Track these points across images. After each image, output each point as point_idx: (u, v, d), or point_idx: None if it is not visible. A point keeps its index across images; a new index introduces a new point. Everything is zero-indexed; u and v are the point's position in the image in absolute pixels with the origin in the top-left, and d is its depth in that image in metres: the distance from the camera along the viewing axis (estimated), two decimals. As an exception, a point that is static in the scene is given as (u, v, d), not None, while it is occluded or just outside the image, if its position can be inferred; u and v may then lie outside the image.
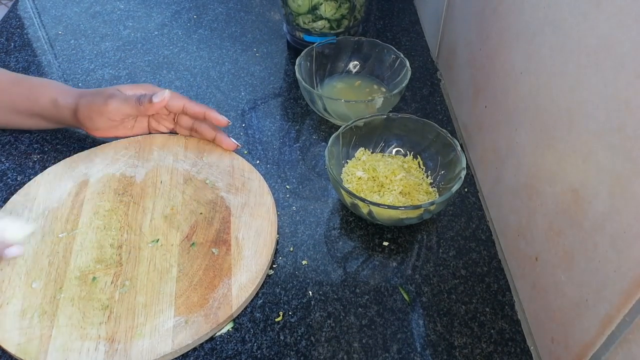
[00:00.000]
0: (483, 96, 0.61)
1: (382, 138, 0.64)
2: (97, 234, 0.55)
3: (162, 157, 0.64)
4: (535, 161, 0.48)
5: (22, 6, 0.92)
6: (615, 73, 0.35)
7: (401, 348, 0.49)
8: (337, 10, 0.76)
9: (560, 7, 0.43)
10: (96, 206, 0.58)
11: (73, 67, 0.79)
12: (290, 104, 0.74)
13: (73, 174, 0.61)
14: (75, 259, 0.53)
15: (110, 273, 0.52)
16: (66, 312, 0.49)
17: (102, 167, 0.62)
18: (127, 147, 0.65)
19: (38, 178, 0.61)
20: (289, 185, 0.63)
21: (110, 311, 0.49)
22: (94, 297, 0.50)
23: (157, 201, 0.59)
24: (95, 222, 0.56)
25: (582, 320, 0.41)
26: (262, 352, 0.48)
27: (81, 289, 0.51)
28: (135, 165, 0.63)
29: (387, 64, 0.73)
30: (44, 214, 0.57)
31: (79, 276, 0.52)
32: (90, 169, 0.62)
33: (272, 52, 0.84)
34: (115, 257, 0.53)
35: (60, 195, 0.59)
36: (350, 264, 0.55)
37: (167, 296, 0.50)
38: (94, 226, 0.56)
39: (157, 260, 0.53)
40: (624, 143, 0.35)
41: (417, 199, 0.58)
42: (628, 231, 0.35)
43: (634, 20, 0.33)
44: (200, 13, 0.92)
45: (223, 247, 0.54)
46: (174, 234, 0.56)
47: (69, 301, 0.50)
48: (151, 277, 0.52)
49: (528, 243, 0.50)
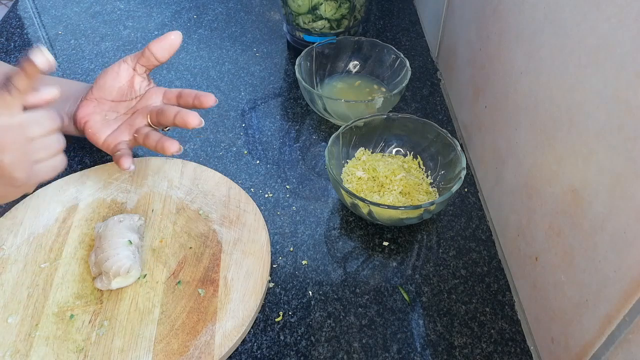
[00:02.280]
0: (483, 96, 0.61)
1: (382, 138, 0.64)
2: (80, 266, 0.53)
3: (156, 183, 0.61)
4: (535, 161, 0.48)
5: (22, 6, 0.92)
6: (615, 73, 0.35)
7: (401, 348, 0.49)
8: (337, 10, 0.76)
9: (560, 7, 0.43)
10: (82, 235, 0.56)
11: (73, 67, 0.79)
12: (290, 104, 0.74)
13: (63, 197, 0.59)
14: (54, 292, 0.51)
15: (89, 311, 0.49)
16: (40, 353, 0.46)
17: (93, 191, 0.60)
18: (120, 170, 0.61)
19: (27, 200, 0.58)
20: (289, 185, 0.63)
21: (85, 355, 0.46)
22: (70, 337, 0.48)
23: (147, 232, 0.56)
24: (80, 253, 0.54)
25: (582, 320, 0.41)
26: (262, 352, 0.48)
27: (57, 327, 0.48)
28: (128, 190, 0.60)
29: (387, 64, 0.73)
30: (29, 241, 0.55)
31: (56, 312, 0.49)
32: (81, 193, 0.60)
33: (272, 52, 0.84)
34: (96, 292, 0.51)
35: (47, 221, 0.57)
36: (350, 264, 0.55)
37: (147, 341, 0.47)
38: (77, 257, 0.54)
39: (139, 299, 0.51)
40: (624, 143, 0.35)
41: (417, 199, 0.58)
42: (628, 231, 0.35)
43: (634, 20, 0.33)
44: (200, 13, 0.92)
45: (210, 287, 0.51)
46: (160, 269, 0.53)
47: (43, 340, 0.47)
48: (131, 317, 0.49)
49: (528, 243, 0.50)
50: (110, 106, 0.60)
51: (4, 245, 0.55)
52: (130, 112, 0.60)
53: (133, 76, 0.59)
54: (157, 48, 0.57)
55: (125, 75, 0.59)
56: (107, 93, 0.59)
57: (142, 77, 0.60)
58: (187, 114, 0.54)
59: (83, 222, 0.57)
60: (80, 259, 0.54)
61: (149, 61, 0.58)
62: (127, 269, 0.50)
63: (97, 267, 0.51)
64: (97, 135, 0.58)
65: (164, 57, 0.58)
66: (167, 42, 0.57)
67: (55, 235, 0.56)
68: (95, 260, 0.51)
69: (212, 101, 0.57)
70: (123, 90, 0.59)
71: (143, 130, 0.57)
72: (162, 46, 0.57)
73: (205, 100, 0.57)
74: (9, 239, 0.55)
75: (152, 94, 0.60)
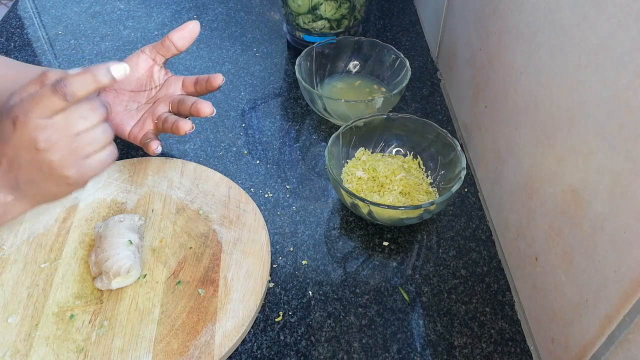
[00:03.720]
0: (483, 96, 0.61)
1: (382, 138, 0.64)
2: (81, 266, 0.53)
3: (156, 183, 0.61)
4: (535, 161, 0.48)
5: (22, 6, 0.92)
6: (615, 73, 0.35)
7: (401, 348, 0.49)
8: (337, 10, 0.76)
9: (560, 7, 0.43)
10: (82, 235, 0.56)
11: (73, 67, 0.79)
12: (290, 104, 0.74)
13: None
14: (54, 292, 0.51)
15: (89, 311, 0.49)
16: (40, 353, 0.46)
17: (93, 191, 0.60)
18: (121, 170, 0.62)
19: None
20: (289, 185, 0.63)
21: (85, 355, 0.46)
22: (70, 337, 0.48)
23: (147, 232, 0.56)
24: (80, 253, 0.54)
25: (582, 320, 0.41)
26: (262, 352, 0.48)
27: (57, 327, 0.48)
28: (128, 190, 0.60)
29: (387, 64, 0.73)
30: (29, 241, 0.55)
31: (56, 312, 0.49)
32: (81, 193, 0.59)
33: (272, 52, 0.84)
34: (96, 292, 0.51)
35: (47, 221, 0.57)
36: (350, 264, 0.55)
37: (146, 341, 0.47)
38: (78, 257, 0.54)
39: (139, 299, 0.50)
40: (624, 143, 0.35)
41: (417, 199, 0.58)
42: (628, 231, 0.35)
43: (634, 20, 0.33)
44: (200, 13, 0.92)
45: (210, 287, 0.51)
46: (160, 269, 0.53)
47: (43, 340, 0.47)
48: (131, 317, 0.49)
49: (528, 243, 0.50)
50: (129, 96, 0.61)
51: (4, 245, 0.55)
52: (152, 101, 0.62)
53: (152, 66, 0.61)
54: (177, 37, 0.59)
55: (144, 66, 0.60)
56: (126, 83, 0.60)
57: (160, 66, 0.62)
58: (201, 103, 0.57)
59: (83, 222, 0.57)
60: (80, 259, 0.54)
61: (169, 51, 0.60)
62: (128, 269, 0.50)
63: (97, 267, 0.51)
64: (122, 126, 0.60)
65: (184, 46, 0.60)
66: (186, 31, 0.59)
67: (55, 235, 0.56)
68: (95, 260, 0.51)
69: (220, 79, 0.60)
70: (142, 81, 0.61)
71: (162, 116, 0.60)
72: (182, 35, 0.59)
73: (214, 80, 0.60)
74: (9, 239, 0.55)
75: (171, 82, 0.62)
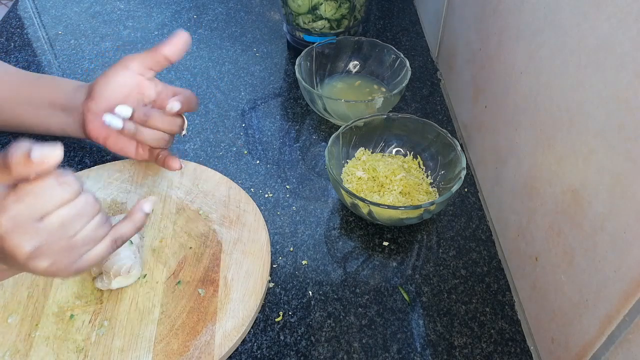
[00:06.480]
0: (483, 96, 0.61)
1: (382, 138, 0.64)
2: None
3: (156, 183, 0.61)
4: (535, 161, 0.48)
5: (22, 6, 0.92)
6: (615, 73, 0.35)
7: (401, 348, 0.49)
8: (337, 10, 0.76)
9: (560, 7, 0.43)
10: None
11: (73, 67, 0.79)
12: (290, 104, 0.74)
13: None
14: (54, 292, 0.51)
15: (89, 311, 0.49)
16: (39, 353, 0.46)
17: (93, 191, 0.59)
18: (121, 170, 0.62)
19: None
20: (289, 185, 0.63)
21: (85, 355, 0.46)
22: (70, 337, 0.48)
23: (147, 232, 0.56)
24: None
25: (582, 320, 0.41)
26: (262, 352, 0.48)
27: (57, 327, 0.48)
28: (128, 190, 0.60)
29: (387, 64, 0.73)
30: None
31: (56, 312, 0.49)
32: None
33: (272, 52, 0.84)
34: (96, 292, 0.51)
35: None
36: (350, 264, 0.55)
37: (146, 341, 0.47)
38: None
39: (139, 299, 0.51)
40: (624, 143, 0.35)
41: (417, 199, 0.58)
42: (628, 231, 0.35)
43: (634, 20, 0.33)
44: (200, 13, 0.92)
45: (210, 287, 0.51)
46: (160, 269, 0.53)
47: (43, 340, 0.47)
48: (131, 317, 0.49)
49: (528, 243, 0.50)
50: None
51: None
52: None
53: (141, 82, 0.56)
54: (171, 52, 0.55)
55: (131, 83, 0.55)
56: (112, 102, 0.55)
57: (150, 80, 0.57)
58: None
59: None
60: None
61: (160, 65, 0.56)
62: (128, 269, 0.50)
63: (97, 267, 0.51)
64: (124, 150, 0.58)
65: (179, 58, 0.56)
66: (181, 43, 0.55)
67: None
68: None
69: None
70: (131, 99, 0.56)
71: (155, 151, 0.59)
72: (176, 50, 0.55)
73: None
74: None
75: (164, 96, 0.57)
